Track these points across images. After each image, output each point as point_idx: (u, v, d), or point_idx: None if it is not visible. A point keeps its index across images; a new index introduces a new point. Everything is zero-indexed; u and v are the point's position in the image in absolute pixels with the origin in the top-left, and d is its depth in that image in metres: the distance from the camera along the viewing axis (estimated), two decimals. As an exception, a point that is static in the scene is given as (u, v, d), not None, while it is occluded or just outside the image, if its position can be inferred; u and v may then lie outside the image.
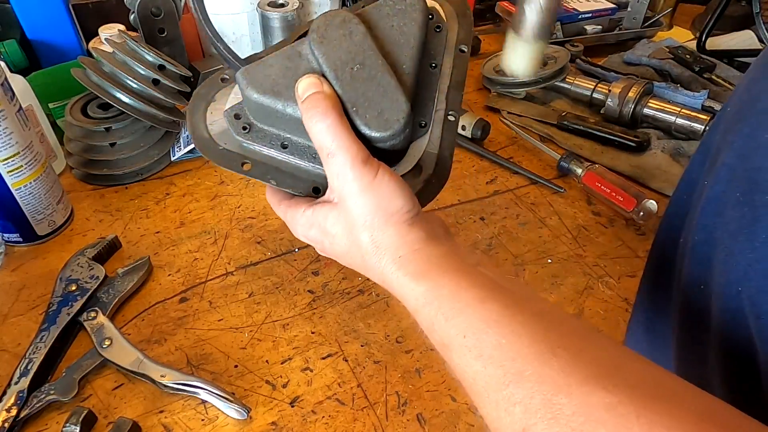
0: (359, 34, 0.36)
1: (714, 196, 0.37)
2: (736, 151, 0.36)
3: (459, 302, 0.30)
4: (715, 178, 0.37)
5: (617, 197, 0.66)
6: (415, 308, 0.33)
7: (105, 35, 0.72)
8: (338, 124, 0.34)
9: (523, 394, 0.26)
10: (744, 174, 0.34)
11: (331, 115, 0.34)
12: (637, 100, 0.77)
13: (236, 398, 0.47)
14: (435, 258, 0.33)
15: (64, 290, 0.54)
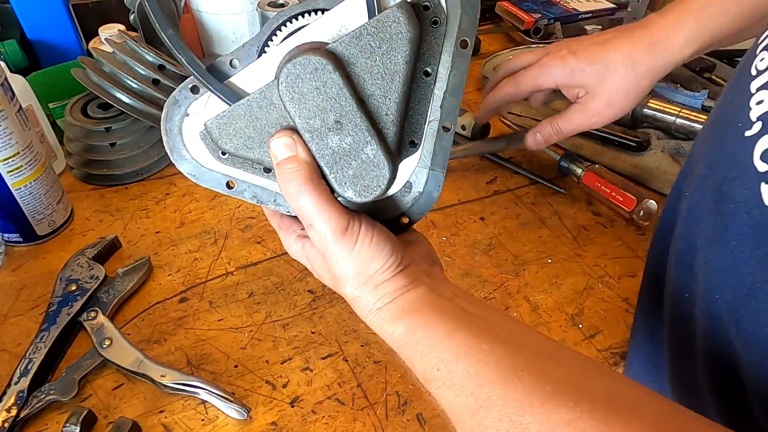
0: (334, 87, 0.32)
1: (693, 206, 0.38)
2: (707, 162, 0.37)
3: (431, 338, 0.32)
4: (693, 187, 0.39)
5: (617, 197, 0.66)
6: (397, 349, 0.35)
7: (105, 35, 0.72)
8: (316, 194, 0.33)
9: (492, 418, 0.27)
10: (714, 184, 0.35)
11: (307, 187, 0.33)
12: (637, 100, 0.77)
13: (236, 398, 0.47)
14: (409, 301, 0.35)
15: (64, 290, 0.54)
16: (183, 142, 0.36)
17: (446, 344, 0.32)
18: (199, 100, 0.35)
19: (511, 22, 1.01)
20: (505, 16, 1.02)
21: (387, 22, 0.32)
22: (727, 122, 0.35)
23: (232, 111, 0.34)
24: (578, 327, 0.55)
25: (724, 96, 0.39)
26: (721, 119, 0.37)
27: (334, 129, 0.33)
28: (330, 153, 0.34)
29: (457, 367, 0.30)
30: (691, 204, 0.39)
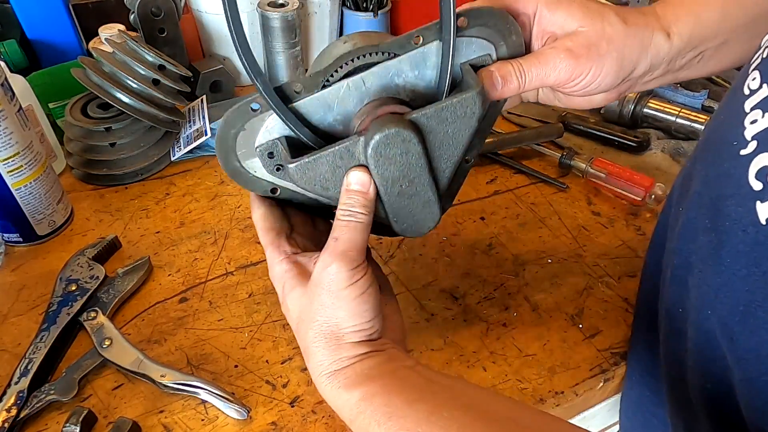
0: (415, 155, 0.37)
1: (688, 223, 0.38)
2: (702, 179, 0.37)
3: (389, 407, 0.32)
4: (688, 204, 0.39)
5: (632, 177, 0.66)
6: (350, 418, 0.35)
7: (105, 35, 0.72)
8: (362, 230, 0.37)
9: None
10: (709, 202, 0.35)
11: (360, 218, 0.37)
12: (637, 100, 0.77)
13: (236, 398, 0.47)
14: (368, 368, 0.35)
15: (64, 290, 0.54)
16: (236, 153, 0.40)
17: (406, 412, 0.32)
18: (255, 119, 0.39)
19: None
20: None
21: (467, 102, 0.37)
22: (722, 141, 0.35)
23: (319, 158, 0.37)
24: (578, 327, 0.55)
25: (717, 115, 0.39)
26: (716, 138, 0.37)
27: (406, 187, 0.39)
28: (396, 204, 0.40)
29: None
30: (686, 220, 0.39)
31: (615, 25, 0.40)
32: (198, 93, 0.80)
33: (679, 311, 0.40)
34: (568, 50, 0.39)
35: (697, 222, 0.37)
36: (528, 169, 0.73)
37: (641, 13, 0.42)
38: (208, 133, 0.70)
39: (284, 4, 0.79)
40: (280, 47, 0.80)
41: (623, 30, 0.40)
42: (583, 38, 0.40)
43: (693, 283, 0.37)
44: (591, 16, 0.40)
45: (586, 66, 0.40)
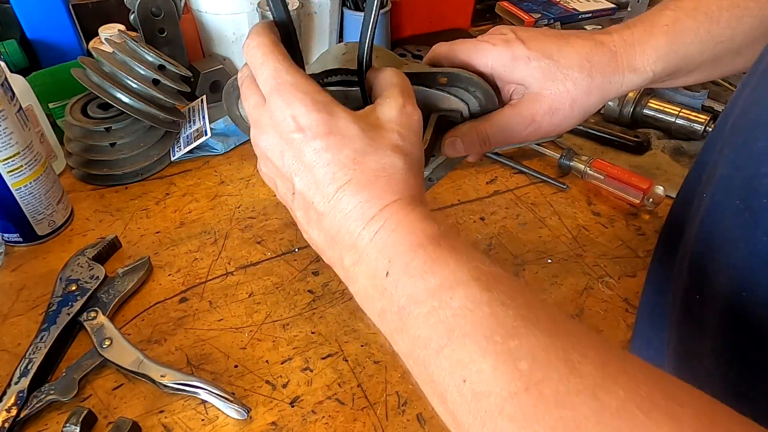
0: None
1: (712, 208, 0.37)
2: (731, 162, 0.36)
3: (475, 254, 0.29)
4: (713, 190, 0.37)
5: (630, 180, 0.66)
6: (419, 242, 0.29)
7: (105, 35, 0.72)
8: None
9: (532, 345, 0.24)
10: (741, 182, 0.34)
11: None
12: (637, 100, 0.77)
13: (236, 398, 0.47)
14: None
15: (64, 290, 0.54)
16: (237, 104, 0.43)
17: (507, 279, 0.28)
18: None
19: (511, 22, 1.01)
20: (505, 16, 1.03)
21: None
22: (757, 121, 0.34)
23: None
24: (578, 327, 0.55)
25: (743, 99, 0.37)
26: (746, 120, 0.35)
27: None
28: None
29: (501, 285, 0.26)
30: (711, 206, 0.37)
31: (579, 84, 0.40)
32: (198, 93, 0.80)
33: (696, 298, 0.38)
34: (531, 118, 0.41)
35: (725, 205, 0.35)
36: (528, 169, 0.73)
37: (612, 55, 0.41)
38: (208, 133, 0.70)
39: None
40: (280, 47, 0.80)
41: (588, 86, 0.41)
42: (547, 104, 0.41)
43: (716, 267, 0.35)
44: (552, 77, 0.40)
45: (549, 128, 0.42)
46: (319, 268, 0.60)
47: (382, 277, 0.29)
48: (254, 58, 0.33)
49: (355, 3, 0.89)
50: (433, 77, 0.41)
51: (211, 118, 0.73)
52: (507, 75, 0.42)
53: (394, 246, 0.29)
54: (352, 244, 0.30)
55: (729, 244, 0.34)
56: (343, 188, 0.30)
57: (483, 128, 0.43)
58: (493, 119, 0.43)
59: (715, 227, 0.36)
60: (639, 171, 0.72)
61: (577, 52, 0.41)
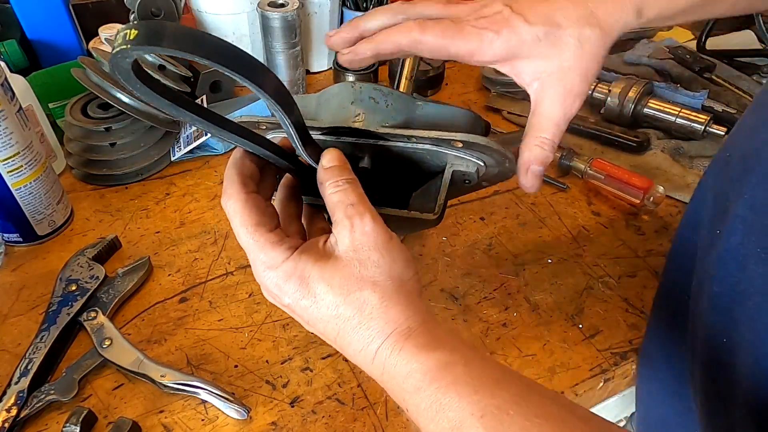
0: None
1: (732, 248, 0.36)
2: (748, 203, 0.34)
3: (475, 380, 0.29)
4: (730, 229, 0.36)
5: (630, 179, 0.66)
6: (416, 387, 0.30)
7: (105, 35, 0.72)
8: (357, 187, 0.35)
9: None
10: (762, 229, 0.33)
11: (350, 179, 0.35)
12: (637, 100, 0.77)
13: (236, 398, 0.47)
14: (441, 332, 0.32)
15: (64, 290, 0.54)
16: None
17: (494, 390, 0.28)
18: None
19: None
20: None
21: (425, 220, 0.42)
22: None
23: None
24: (578, 327, 0.55)
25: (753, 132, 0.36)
26: (760, 158, 0.34)
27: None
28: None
29: (509, 417, 0.27)
30: (729, 245, 0.36)
31: (592, 40, 0.38)
32: (198, 93, 0.80)
33: (723, 341, 0.36)
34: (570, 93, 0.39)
35: (746, 250, 0.34)
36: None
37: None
38: (207, 134, 0.70)
39: (284, 4, 0.79)
40: (280, 47, 0.80)
41: (600, 39, 0.39)
42: (577, 74, 0.39)
43: (746, 315, 0.34)
44: (567, 48, 0.38)
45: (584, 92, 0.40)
46: (319, 268, 0.60)
47: (404, 399, 0.31)
48: (233, 225, 0.35)
49: (355, 3, 0.89)
50: (447, 143, 0.38)
51: (211, 118, 0.73)
52: (519, 63, 0.39)
53: (401, 388, 0.31)
54: (369, 370, 0.33)
55: (757, 293, 0.33)
56: (337, 340, 0.34)
57: (542, 133, 0.40)
58: (542, 120, 0.40)
59: (739, 273, 0.35)
60: (639, 171, 0.72)
61: (577, 9, 0.38)
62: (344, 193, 0.34)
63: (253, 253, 0.34)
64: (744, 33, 0.99)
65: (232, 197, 0.34)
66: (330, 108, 0.41)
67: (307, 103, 0.42)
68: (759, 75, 0.89)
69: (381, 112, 0.39)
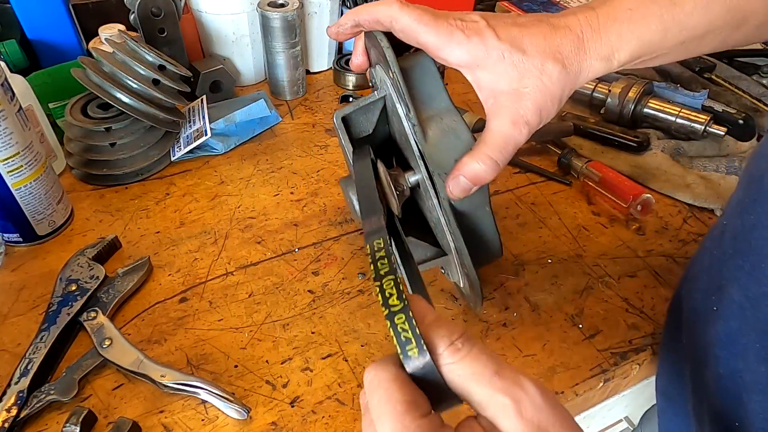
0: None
1: (730, 333, 0.35)
2: (742, 290, 0.34)
3: None
4: (726, 313, 0.36)
5: (624, 183, 0.66)
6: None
7: (105, 35, 0.72)
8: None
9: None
10: (757, 324, 0.32)
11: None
12: (637, 100, 0.77)
13: (236, 398, 0.47)
14: None
15: (64, 290, 0.54)
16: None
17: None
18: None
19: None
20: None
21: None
22: (758, 251, 0.32)
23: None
24: (578, 327, 0.55)
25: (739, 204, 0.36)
26: (749, 244, 0.33)
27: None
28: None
29: None
30: (728, 330, 0.35)
31: (554, 78, 0.38)
32: (198, 93, 0.80)
33: (735, 424, 0.35)
34: (521, 119, 0.39)
35: (745, 341, 0.33)
36: (531, 167, 0.73)
37: (580, 43, 0.39)
38: (208, 133, 0.70)
39: (284, 4, 0.79)
40: (280, 47, 0.80)
41: (564, 79, 0.39)
42: (531, 102, 0.39)
43: (754, 408, 0.34)
44: (528, 74, 0.38)
45: (535, 123, 0.40)
46: (318, 268, 0.60)
47: None
48: (371, 401, 0.26)
49: (355, 3, 0.89)
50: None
51: (211, 118, 0.73)
52: (479, 72, 0.40)
53: None
54: None
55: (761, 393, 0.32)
56: None
57: (483, 153, 0.40)
58: (491, 137, 0.40)
59: (740, 361, 0.34)
60: (639, 171, 0.73)
61: (547, 42, 0.39)
62: (475, 359, 0.26)
63: None
64: (744, 33, 0.99)
65: (380, 366, 0.26)
66: (443, 141, 0.41)
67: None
68: (759, 75, 0.89)
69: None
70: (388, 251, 0.30)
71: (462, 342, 0.26)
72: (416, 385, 0.26)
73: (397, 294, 0.27)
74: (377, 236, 0.30)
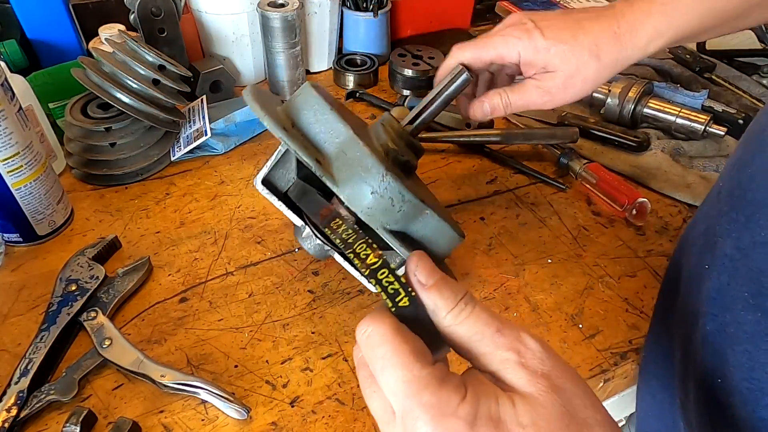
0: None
1: (720, 288, 0.36)
2: (734, 243, 0.34)
3: None
4: (718, 267, 0.36)
5: (620, 187, 0.66)
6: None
7: (105, 35, 0.72)
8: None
9: None
10: (748, 273, 0.32)
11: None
12: (637, 100, 0.77)
13: (236, 398, 0.47)
14: None
15: (64, 290, 0.54)
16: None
17: None
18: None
19: (511, 22, 1.00)
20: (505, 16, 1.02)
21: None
22: (754, 202, 0.32)
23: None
24: (578, 327, 0.55)
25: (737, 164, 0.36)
26: (746, 198, 0.34)
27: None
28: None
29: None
30: (718, 285, 0.36)
31: (589, 65, 0.48)
32: (198, 93, 0.80)
33: (718, 381, 0.36)
34: (546, 90, 0.50)
35: (734, 292, 0.34)
36: (528, 169, 0.73)
37: (617, 38, 0.48)
38: (208, 133, 0.70)
39: (284, 4, 0.79)
40: (280, 47, 0.80)
41: (597, 67, 0.48)
42: (560, 79, 0.49)
43: (738, 360, 0.34)
44: (567, 60, 0.48)
45: (560, 100, 0.51)
46: (319, 268, 0.60)
47: None
48: (373, 356, 0.26)
49: (355, 3, 0.89)
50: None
51: (211, 118, 0.73)
52: (532, 61, 0.50)
53: None
54: None
55: (746, 339, 0.32)
56: None
57: (506, 94, 0.51)
58: (517, 88, 0.51)
59: (728, 314, 0.34)
60: (639, 171, 0.73)
61: (587, 37, 0.48)
62: (477, 319, 0.26)
63: (413, 397, 0.24)
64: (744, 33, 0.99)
65: (376, 320, 0.26)
66: (354, 177, 0.40)
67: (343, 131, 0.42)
68: (759, 75, 0.89)
69: (389, 214, 0.41)
70: (348, 224, 0.32)
71: (465, 302, 0.27)
72: (412, 334, 0.26)
73: (372, 252, 0.29)
74: (333, 218, 0.33)
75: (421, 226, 0.42)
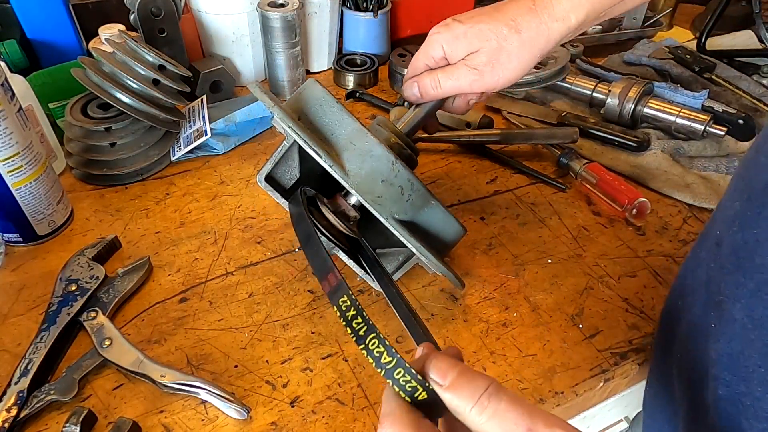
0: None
1: (732, 354, 0.35)
2: (745, 310, 0.33)
3: None
4: (728, 332, 0.35)
5: (620, 187, 0.66)
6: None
7: (105, 35, 0.72)
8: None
9: None
10: (764, 348, 0.32)
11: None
12: (637, 100, 0.77)
13: (236, 398, 0.47)
14: None
15: (64, 290, 0.54)
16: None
17: None
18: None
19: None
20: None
21: None
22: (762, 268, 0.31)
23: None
24: (578, 327, 0.55)
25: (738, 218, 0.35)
26: (753, 263, 0.33)
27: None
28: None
29: None
30: (729, 351, 0.35)
31: (510, 39, 0.49)
32: (198, 93, 0.80)
33: None
34: (473, 68, 0.50)
35: (749, 363, 0.33)
36: (528, 169, 0.73)
37: (533, 12, 0.49)
38: (208, 133, 0.70)
39: (284, 4, 0.79)
40: (280, 47, 0.80)
41: (518, 41, 0.49)
42: (484, 55, 0.50)
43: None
44: (487, 37, 0.49)
45: (489, 79, 0.51)
46: (319, 268, 0.60)
47: None
48: None
49: (355, 3, 0.89)
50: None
51: (211, 118, 0.73)
52: (455, 50, 0.51)
53: None
54: None
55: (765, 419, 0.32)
56: None
57: (436, 74, 0.52)
58: (448, 69, 0.52)
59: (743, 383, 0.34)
60: (639, 171, 0.73)
61: (503, 14, 0.50)
62: (502, 419, 0.25)
63: None
64: (744, 33, 0.99)
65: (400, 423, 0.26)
66: (364, 167, 0.42)
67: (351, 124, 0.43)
68: (759, 75, 0.89)
69: (398, 203, 0.43)
70: (356, 307, 0.30)
71: (488, 398, 0.25)
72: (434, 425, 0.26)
73: (386, 351, 0.28)
74: (340, 294, 0.30)
75: (427, 216, 0.43)
